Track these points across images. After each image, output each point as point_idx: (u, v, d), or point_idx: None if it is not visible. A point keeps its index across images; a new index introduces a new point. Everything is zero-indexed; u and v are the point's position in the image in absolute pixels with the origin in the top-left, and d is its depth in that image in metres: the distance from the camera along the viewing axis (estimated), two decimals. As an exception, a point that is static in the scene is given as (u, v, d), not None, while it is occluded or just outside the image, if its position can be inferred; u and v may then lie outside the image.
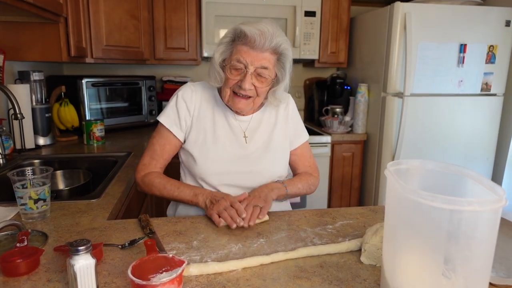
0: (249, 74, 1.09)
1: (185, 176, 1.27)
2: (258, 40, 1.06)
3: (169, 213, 1.34)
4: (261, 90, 1.13)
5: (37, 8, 1.45)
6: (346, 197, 2.84)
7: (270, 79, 1.13)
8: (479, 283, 0.61)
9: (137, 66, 2.97)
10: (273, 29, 1.08)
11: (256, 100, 1.16)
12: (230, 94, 1.15)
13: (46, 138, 2.02)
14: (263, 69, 1.09)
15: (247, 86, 1.09)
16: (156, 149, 1.23)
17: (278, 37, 1.09)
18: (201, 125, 1.22)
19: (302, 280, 0.78)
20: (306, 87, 3.26)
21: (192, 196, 1.13)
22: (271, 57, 1.10)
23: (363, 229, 1.03)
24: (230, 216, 1.00)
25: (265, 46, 1.07)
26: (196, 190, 1.14)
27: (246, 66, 1.08)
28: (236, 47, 1.10)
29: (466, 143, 2.59)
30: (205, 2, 2.54)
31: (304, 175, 1.31)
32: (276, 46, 1.09)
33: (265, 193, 1.13)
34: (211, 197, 1.09)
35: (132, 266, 0.70)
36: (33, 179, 1.04)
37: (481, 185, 0.64)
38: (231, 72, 1.12)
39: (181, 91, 1.24)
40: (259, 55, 1.08)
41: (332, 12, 2.77)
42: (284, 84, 1.18)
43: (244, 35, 1.08)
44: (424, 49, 2.40)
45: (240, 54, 1.08)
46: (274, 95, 1.19)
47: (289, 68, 1.16)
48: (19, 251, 0.80)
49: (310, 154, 1.36)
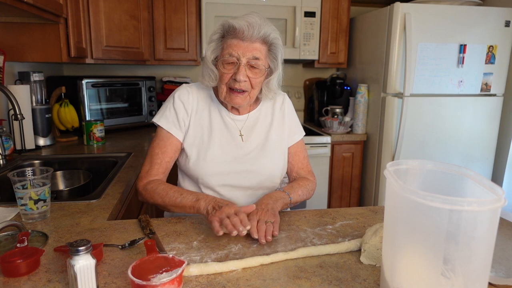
0: (242, 66, 1.10)
1: (183, 179, 1.26)
2: (246, 31, 1.08)
3: (166, 213, 1.33)
4: (255, 81, 1.14)
5: (37, 9, 1.45)
6: (346, 197, 2.84)
7: (264, 68, 1.13)
8: (478, 283, 0.61)
9: (137, 67, 2.97)
10: (260, 20, 1.10)
11: (252, 93, 1.16)
12: (226, 91, 1.15)
13: (46, 138, 2.02)
14: (255, 59, 1.10)
15: (242, 78, 1.10)
16: (157, 152, 1.20)
17: (265, 26, 1.10)
18: (198, 126, 1.22)
19: (302, 280, 0.78)
20: (306, 88, 3.27)
21: (194, 201, 1.06)
22: (261, 47, 1.12)
23: (362, 230, 1.04)
24: (233, 224, 0.92)
25: (254, 36, 1.09)
26: (199, 195, 1.08)
27: (239, 59, 1.10)
28: (227, 42, 1.12)
29: (466, 143, 2.59)
30: (205, 2, 2.54)
31: (302, 180, 1.27)
32: (265, 35, 1.11)
33: (271, 205, 1.07)
34: (213, 203, 1.02)
35: (132, 266, 0.70)
36: (34, 179, 1.04)
37: (480, 185, 0.65)
38: (224, 67, 1.12)
39: (177, 92, 1.23)
40: (249, 46, 1.10)
41: (332, 13, 2.78)
42: (277, 74, 1.18)
43: (233, 28, 1.10)
44: (424, 50, 2.40)
45: (231, 48, 1.10)
46: (268, 87, 1.19)
47: (280, 58, 1.17)
48: (19, 252, 0.80)
49: (305, 155, 1.33)
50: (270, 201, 1.09)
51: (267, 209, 1.04)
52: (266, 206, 1.05)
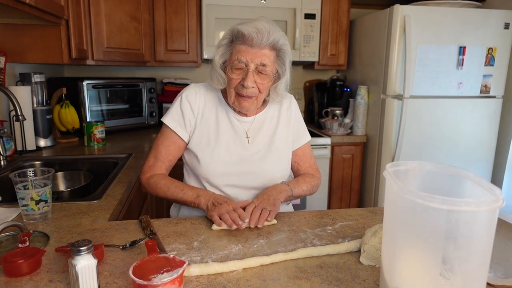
0: (251, 72, 1.11)
1: (189, 177, 1.28)
2: (255, 37, 1.09)
3: (172, 213, 1.34)
4: (263, 87, 1.15)
5: (39, 11, 1.46)
6: (346, 198, 2.85)
7: (272, 74, 1.14)
8: (477, 283, 0.61)
9: (138, 68, 2.98)
10: (269, 26, 1.11)
11: (259, 97, 1.18)
12: (235, 95, 1.17)
13: (47, 139, 2.02)
14: (263, 66, 1.11)
15: (250, 84, 1.11)
16: (161, 150, 1.23)
17: (275, 33, 1.11)
18: (204, 126, 1.23)
19: (302, 280, 0.79)
20: (306, 89, 3.27)
21: (195, 197, 1.12)
22: (270, 53, 1.12)
23: (362, 230, 1.04)
24: (232, 219, 0.99)
25: (263, 43, 1.10)
26: (199, 192, 1.14)
27: (247, 65, 1.11)
28: (235, 47, 1.12)
29: (465, 145, 2.60)
30: (205, 4, 2.55)
31: (307, 176, 1.32)
32: (274, 42, 1.11)
33: (273, 196, 1.13)
34: (213, 199, 1.09)
35: (133, 266, 0.70)
36: (35, 180, 1.04)
37: (479, 186, 0.65)
38: (232, 72, 1.13)
39: (185, 92, 1.25)
40: (258, 52, 1.10)
41: (332, 15, 2.79)
42: (285, 79, 1.19)
43: (241, 34, 1.10)
44: (424, 52, 2.41)
45: (240, 54, 1.11)
46: (276, 91, 1.21)
47: (288, 64, 1.18)
48: (21, 252, 0.81)
49: (311, 155, 1.38)
50: (274, 192, 1.15)
51: (268, 198, 1.10)
52: (268, 196, 1.11)
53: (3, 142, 1.67)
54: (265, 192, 1.16)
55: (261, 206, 1.06)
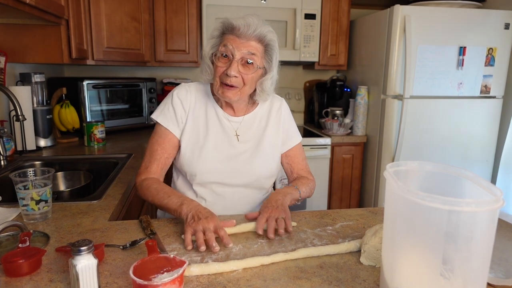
0: (235, 61, 1.12)
1: (177, 176, 1.29)
2: (243, 29, 1.12)
3: (158, 214, 1.37)
4: (247, 77, 1.15)
5: (39, 11, 1.46)
6: (346, 198, 2.85)
7: (256, 66, 1.15)
8: (477, 283, 0.62)
9: (138, 68, 2.98)
10: (258, 21, 1.14)
11: (243, 89, 1.17)
12: (219, 84, 1.17)
13: (47, 139, 2.02)
14: (251, 54, 1.13)
15: (233, 73, 1.12)
16: (156, 149, 1.23)
17: (262, 27, 1.14)
18: (195, 124, 1.24)
19: (302, 280, 0.79)
20: (306, 90, 3.27)
21: (178, 205, 1.04)
22: (257, 45, 1.15)
23: (362, 230, 1.04)
24: (207, 239, 0.91)
25: (249, 34, 1.12)
26: (184, 200, 1.05)
27: (233, 53, 1.12)
28: (224, 38, 1.16)
29: (465, 146, 2.60)
30: (205, 4, 2.55)
31: (303, 179, 1.31)
32: (261, 35, 1.14)
33: (280, 201, 1.09)
34: (195, 211, 0.99)
35: (134, 266, 0.70)
36: (35, 180, 1.04)
37: (479, 186, 0.65)
38: (219, 61, 1.15)
39: (176, 90, 1.26)
40: (245, 43, 1.13)
41: (332, 15, 2.79)
42: (271, 76, 1.20)
43: (231, 26, 1.14)
44: (424, 52, 2.41)
45: (227, 41, 1.14)
46: (262, 87, 1.21)
47: (275, 61, 1.20)
48: (21, 252, 0.81)
49: (304, 157, 1.38)
50: (279, 196, 1.13)
51: (277, 206, 1.07)
52: (276, 203, 1.08)
53: (3, 142, 1.67)
54: (271, 199, 1.11)
55: (273, 216, 1.01)
